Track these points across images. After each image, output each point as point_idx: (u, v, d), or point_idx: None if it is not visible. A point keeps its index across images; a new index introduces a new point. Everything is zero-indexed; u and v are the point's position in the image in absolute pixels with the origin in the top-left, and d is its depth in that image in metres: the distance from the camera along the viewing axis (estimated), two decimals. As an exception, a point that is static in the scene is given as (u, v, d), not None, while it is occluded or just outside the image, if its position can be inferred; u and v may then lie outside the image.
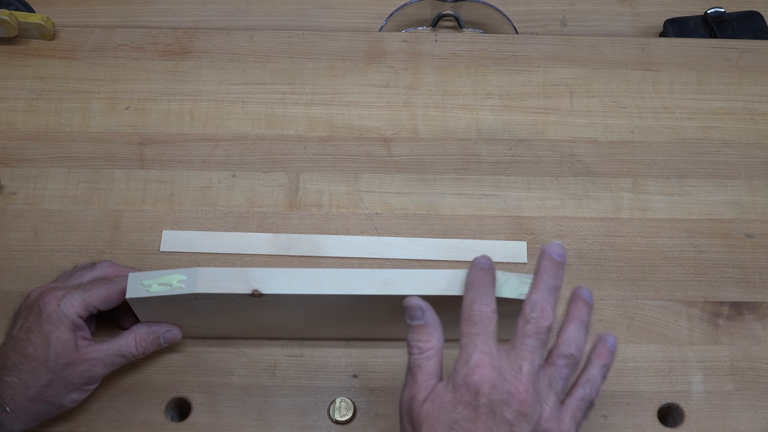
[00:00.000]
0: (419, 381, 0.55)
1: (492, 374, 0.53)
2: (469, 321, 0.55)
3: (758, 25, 0.90)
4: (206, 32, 0.86)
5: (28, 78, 0.83)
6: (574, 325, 0.57)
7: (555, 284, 0.57)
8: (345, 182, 0.78)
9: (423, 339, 0.56)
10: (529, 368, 0.54)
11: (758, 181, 0.79)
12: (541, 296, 0.56)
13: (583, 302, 0.58)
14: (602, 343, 0.59)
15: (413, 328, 0.57)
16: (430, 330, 0.56)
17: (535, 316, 0.55)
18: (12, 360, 0.62)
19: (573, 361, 0.56)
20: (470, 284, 0.57)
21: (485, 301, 0.56)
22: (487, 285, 0.57)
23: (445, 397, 0.54)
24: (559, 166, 0.79)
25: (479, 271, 0.58)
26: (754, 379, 0.70)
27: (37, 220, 0.75)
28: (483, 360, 0.54)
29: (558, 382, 0.55)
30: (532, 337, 0.55)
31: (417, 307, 0.56)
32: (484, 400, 0.53)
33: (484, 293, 0.56)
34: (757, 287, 0.74)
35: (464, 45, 0.86)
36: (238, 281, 0.60)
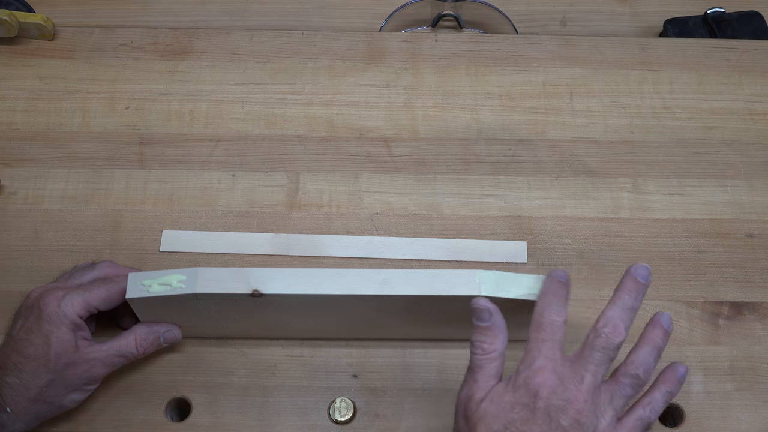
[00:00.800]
0: (479, 381, 0.56)
1: (553, 379, 0.54)
2: (539, 327, 0.56)
3: (758, 25, 0.90)
4: (206, 32, 0.86)
5: (28, 78, 0.83)
6: (647, 349, 0.58)
7: (633, 305, 0.58)
8: (345, 182, 0.78)
9: (488, 341, 0.57)
10: (591, 380, 0.55)
11: (758, 181, 0.79)
12: (616, 313, 0.57)
13: (661, 328, 0.59)
14: (672, 370, 0.60)
15: (480, 329, 0.57)
16: (495, 332, 0.57)
17: (606, 331, 0.56)
18: (12, 360, 0.62)
19: (638, 382, 0.57)
20: (543, 293, 0.58)
21: (556, 311, 0.57)
22: (560, 297, 0.58)
23: (504, 396, 0.55)
24: (559, 166, 0.79)
25: (554, 283, 0.58)
26: (754, 379, 0.70)
27: (37, 220, 0.75)
28: (546, 365, 0.55)
29: (619, 399, 0.56)
30: (599, 351, 0.56)
31: (485, 309, 0.57)
32: (542, 404, 0.54)
33: (556, 303, 0.57)
34: (757, 287, 0.74)
35: (464, 45, 0.86)
36: (238, 281, 0.60)
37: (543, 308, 0.57)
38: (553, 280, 0.59)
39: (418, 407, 0.68)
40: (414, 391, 0.69)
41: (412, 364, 0.70)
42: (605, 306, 0.58)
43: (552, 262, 0.74)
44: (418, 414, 0.68)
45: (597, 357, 0.56)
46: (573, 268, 0.74)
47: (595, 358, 0.56)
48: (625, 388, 0.57)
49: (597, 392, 0.55)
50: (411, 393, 0.69)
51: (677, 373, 0.60)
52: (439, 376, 0.69)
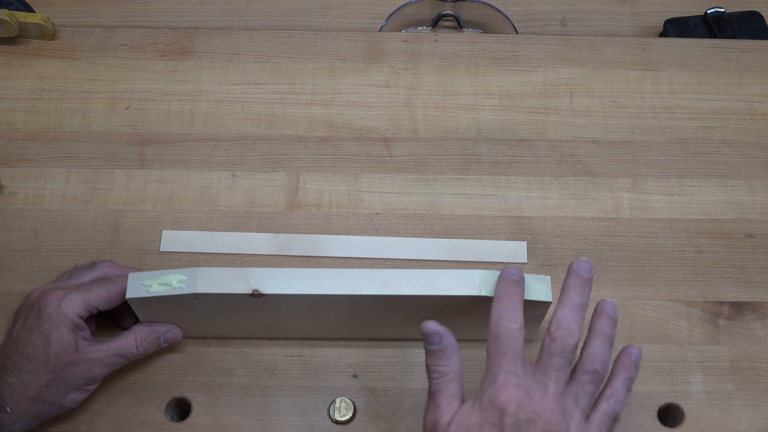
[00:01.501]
0: (441, 405, 0.55)
1: (518, 394, 0.54)
2: (496, 339, 0.55)
3: (758, 25, 0.90)
4: (206, 32, 0.86)
5: (28, 78, 0.83)
6: (598, 341, 0.58)
7: (581, 301, 0.57)
8: (345, 182, 0.78)
9: (442, 363, 0.56)
10: (555, 387, 0.55)
11: (758, 181, 0.79)
12: (567, 314, 0.56)
13: (607, 316, 0.59)
14: (626, 355, 0.59)
15: (432, 353, 0.57)
16: (448, 354, 0.56)
17: (560, 334, 0.56)
18: (12, 360, 0.62)
19: (597, 377, 0.57)
20: (498, 298, 0.57)
21: (512, 318, 0.56)
22: (515, 299, 0.57)
23: (471, 418, 0.54)
24: (559, 166, 0.79)
25: (508, 284, 0.57)
26: (754, 379, 0.70)
27: (37, 220, 0.75)
28: (509, 380, 0.54)
29: (583, 398, 0.56)
30: (557, 356, 0.55)
31: (435, 333, 0.56)
32: (510, 421, 0.53)
33: (511, 308, 0.56)
34: (757, 287, 0.74)
35: (464, 45, 0.86)
36: (238, 281, 0.60)
37: (498, 316, 0.56)
38: (506, 281, 0.58)
39: (418, 407, 0.68)
40: (414, 391, 0.69)
41: (412, 364, 0.70)
42: (555, 308, 0.57)
43: (552, 262, 0.74)
44: (418, 414, 0.68)
45: (556, 362, 0.55)
46: (573, 268, 0.74)
47: (555, 364, 0.55)
48: (587, 386, 0.56)
49: (562, 397, 0.55)
50: (411, 393, 0.69)
51: (632, 356, 0.59)
52: (439, 376, 0.69)
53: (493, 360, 0.55)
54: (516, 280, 0.58)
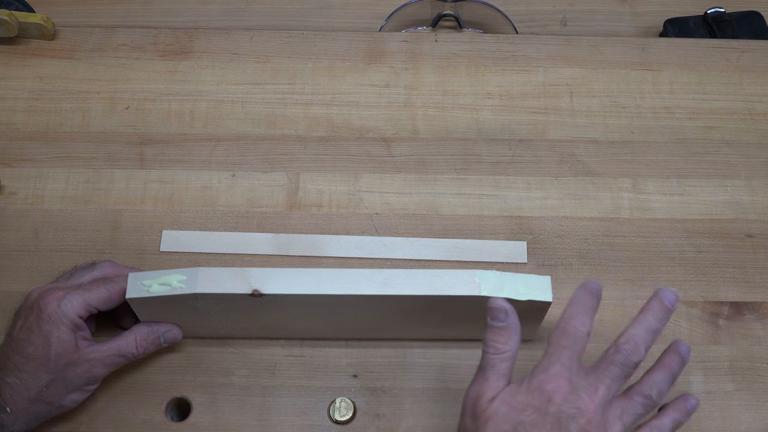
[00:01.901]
0: (490, 380, 0.56)
1: (567, 387, 0.55)
2: (563, 333, 0.56)
3: (758, 25, 0.90)
4: (206, 32, 0.86)
5: (28, 78, 0.83)
6: (663, 373, 0.59)
7: (657, 327, 0.58)
8: (345, 182, 0.78)
9: (502, 340, 0.57)
10: (605, 393, 0.55)
11: (758, 181, 0.79)
12: (639, 332, 0.57)
13: (679, 356, 0.59)
14: (683, 400, 0.60)
15: (494, 329, 0.57)
16: (510, 332, 0.57)
17: (627, 348, 0.56)
18: (12, 360, 0.62)
19: (650, 402, 0.57)
20: (573, 302, 0.58)
21: (582, 321, 0.57)
22: (589, 308, 0.58)
23: (517, 396, 0.55)
24: (559, 166, 0.79)
25: (586, 293, 0.58)
26: (754, 379, 0.70)
27: (37, 220, 0.75)
28: (562, 372, 0.55)
29: (629, 416, 0.56)
30: (617, 366, 0.56)
31: (502, 309, 0.57)
32: (554, 409, 0.54)
33: (583, 313, 0.57)
34: (757, 287, 0.74)
35: (464, 45, 0.86)
36: (238, 281, 0.60)
37: (571, 316, 0.57)
38: (586, 290, 0.59)
39: (418, 407, 0.68)
40: (414, 391, 0.69)
41: (412, 364, 0.70)
42: (629, 323, 0.58)
43: (552, 262, 0.74)
44: (418, 414, 0.68)
45: (614, 371, 0.56)
46: (573, 268, 0.74)
47: (612, 373, 0.56)
48: (637, 406, 0.57)
49: (608, 406, 0.56)
50: (411, 393, 0.69)
51: (687, 403, 0.60)
52: (439, 376, 0.69)
53: (553, 350, 0.56)
54: (594, 294, 0.59)
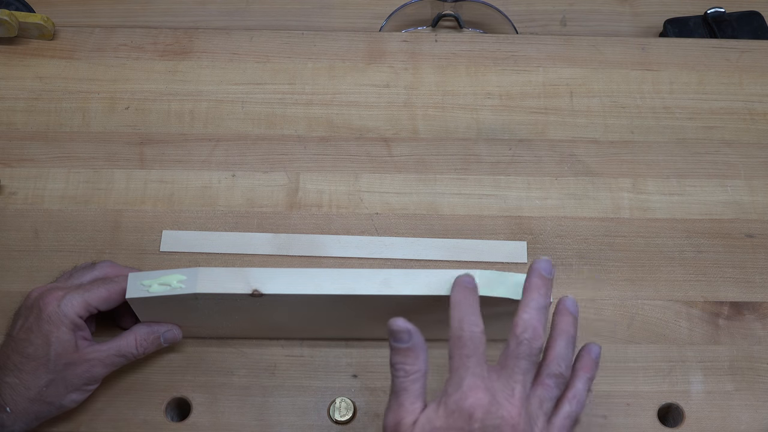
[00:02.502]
0: (405, 404, 0.55)
1: (485, 398, 0.53)
2: (460, 341, 0.55)
3: (758, 25, 0.90)
4: (206, 32, 0.86)
5: (28, 78, 0.83)
6: (563, 341, 0.57)
7: (545, 302, 0.57)
8: (345, 182, 0.78)
9: (409, 362, 0.55)
10: (522, 390, 0.54)
11: (758, 181, 0.79)
12: (532, 315, 0.56)
13: (569, 314, 0.58)
14: (587, 354, 0.59)
15: (400, 351, 0.55)
16: (417, 352, 0.55)
17: (527, 336, 0.55)
18: (12, 360, 0.62)
19: (562, 380, 0.56)
20: (456, 303, 0.56)
21: (474, 322, 0.55)
22: (473, 305, 0.56)
23: (436, 422, 0.53)
24: (559, 166, 0.79)
25: (464, 290, 0.57)
26: (754, 379, 0.70)
27: (37, 220, 0.75)
28: (476, 383, 0.53)
29: (548, 401, 0.55)
30: (524, 359, 0.55)
31: (404, 330, 0.55)
32: (477, 426, 0.52)
33: (471, 313, 0.56)
34: (757, 287, 0.74)
35: (464, 45, 0.86)
36: (238, 281, 0.60)
37: (461, 320, 0.55)
38: (461, 288, 0.57)
39: (418, 407, 0.68)
40: (414, 391, 0.69)
41: (412, 364, 0.70)
42: (518, 308, 0.56)
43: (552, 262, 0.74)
44: (418, 414, 0.68)
45: (523, 365, 0.54)
46: (573, 268, 0.74)
47: (522, 367, 0.54)
48: (551, 390, 0.56)
49: (528, 401, 0.54)
50: (411, 393, 0.69)
51: (592, 354, 0.59)
52: (438, 376, 0.69)
53: (458, 363, 0.54)
54: (471, 288, 0.57)
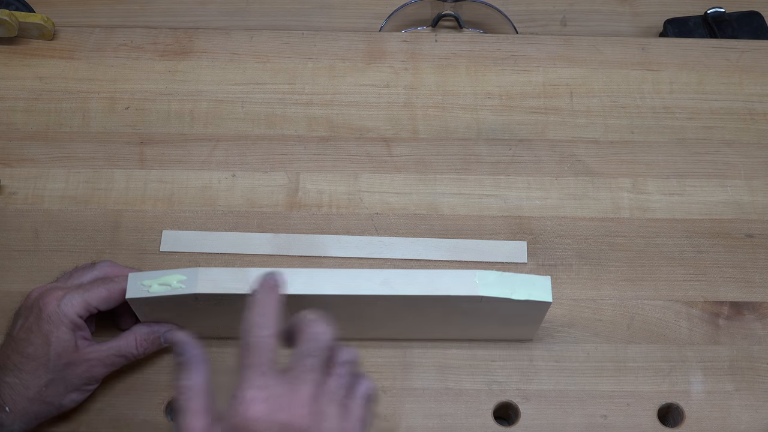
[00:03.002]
0: (188, 423, 0.52)
1: (265, 409, 0.51)
2: (246, 349, 0.53)
3: (758, 25, 0.90)
4: (206, 32, 0.86)
5: (28, 78, 0.83)
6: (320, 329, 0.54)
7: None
8: (345, 182, 0.78)
9: (184, 377, 0.54)
10: (310, 389, 0.52)
11: (758, 181, 0.79)
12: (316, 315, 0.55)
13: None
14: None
15: (178, 365, 0.54)
16: (191, 367, 0.54)
17: (313, 330, 0.54)
18: (12, 360, 0.62)
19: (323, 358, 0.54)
20: (251, 305, 0.55)
21: (263, 325, 0.53)
22: (268, 307, 0.54)
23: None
24: (559, 166, 0.79)
25: (263, 291, 0.55)
26: (754, 379, 0.70)
27: (37, 220, 0.75)
28: (256, 395, 0.51)
29: (340, 390, 0.54)
30: (310, 357, 0.53)
31: (178, 343, 0.54)
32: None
33: (262, 315, 0.54)
34: (757, 287, 0.74)
35: (464, 45, 0.86)
36: (238, 281, 0.60)
37: (249, 326, 0.53)
38: (262, 287, 0.55)
39: (418, 407, 0.68)
40: (414, 391, 0.69)
41: (412, 364, 0.70)
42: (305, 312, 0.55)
43: (552, 262, 0.74)
44: (418, 414, 0.68)
45: (309, 363, 0.53)
46: (573, 268, 0.74)
47: (308, 365, 0.53)
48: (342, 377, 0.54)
49: (318, 399, 0.52)
50: (411, 393, 0.69)
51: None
52: (439, 376, 0.69)
53: (242, 373, 0.52)
54: (272, 285, 0.56)
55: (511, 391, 0.69)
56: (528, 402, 0.68)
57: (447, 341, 0.70)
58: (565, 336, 0.71)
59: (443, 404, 0.68)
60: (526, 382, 0.69)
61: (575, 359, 0.70)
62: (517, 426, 0.68)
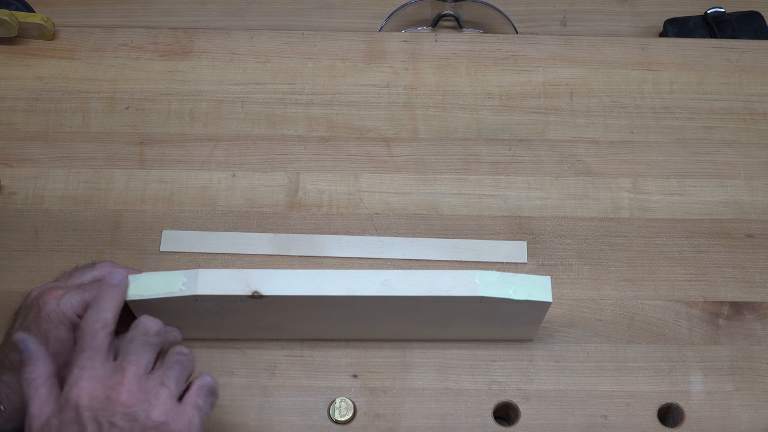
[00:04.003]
0: (33, 411, 0.55)
1: (91, 385, 0.54)
2: (79, 336, 0.57)
3: (758, 25, 0.90)
4: (206, 32, 0.86)
5: (28, 78, 0.83)
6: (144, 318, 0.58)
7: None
8: (345, 182, 0.78)
9: (27, 370, 0.57)
10: (134, 370, 0.55)
11: (758, 181, 0.79)
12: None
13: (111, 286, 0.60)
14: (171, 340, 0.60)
15: (21, 362, 0.57)
16: (32, 360, 0.57)
17: (143, 320, 0.57)
18: (10, 359, 0.62)
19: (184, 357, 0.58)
20: (94, 300, 0.59)
21: (96, 318, 0.57)
22: (108, 300, 0.58)
23: (52, 422, 0.54)
24: (559, 166, 0.79)
25: (104, 286, 0.59)
26: (754, 379, 0.70)
27: (37, 220, 0.75)
28: (81, 374, 0.55)
29: (170, 378, 0.56)
30: (135, 340, 0.56)
31: (18, 341, 0.57)
32: (88, 414, 0.53)
33: (102, 309, 0.57)
34: (757, 287, 0.74)
35: (464, 45, 0.86)
36: (238, 283, 0.60)
37: (87, 315, 0.57)
38: (105, 283, 0.60)
39: (418, 407, 0.68)
40: (414, 391, 0.69)
41: (412, 364, 0.70)
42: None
43: (552, 262, 0.74)
44: (418, 414, 0.68)
45: (134, 346, 0.56)
46: (573, 268, 0.74)
47: (133, 348, 0.56)
48: (174, 366, 0.57)
49: (143, 380, 0.55)
50: (411, 393, 0.69)
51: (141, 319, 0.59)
52: (439, 376, 0.69)
53: (73, 357, 0.56)
54: (115, 283, 0.59)
55: (511, 391, 0.69)
56: (528, 402, 0.68)
57: (447, 341, 0.70)
58: (565, 336, 0.71)
59: (443, 404, 0.68)
60: (526, 382, 0.69)
61: (575, 359, 0.70)
62: (517, 426, 0.68)
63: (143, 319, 0.58)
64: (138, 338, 0.57)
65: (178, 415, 0.55)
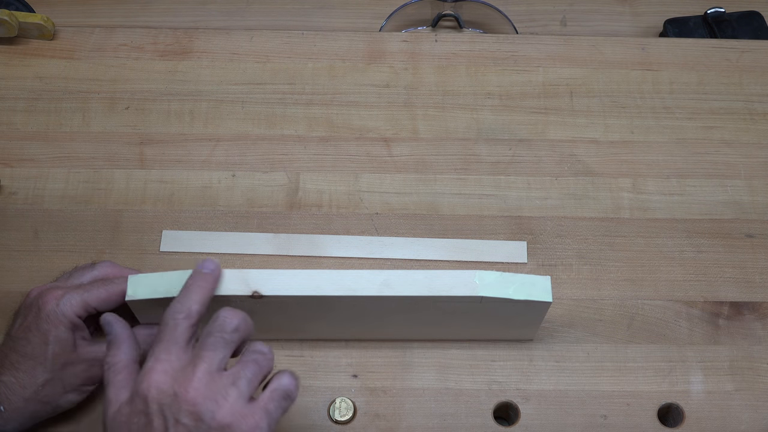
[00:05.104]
0: (110, 396, 0.55)
1: (161, 378, 0.53)
2: (159, 327, 0.56)
3: (758, 25, 0.90)
4: (206, 32, 0.86)
5: (28, 78, 0.83)
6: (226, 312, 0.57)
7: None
8: (345, 182, 0.78)
9: (111, 353, 0.57)
10: (205, 367, 0.54)
11: (758, 181, 0.79)
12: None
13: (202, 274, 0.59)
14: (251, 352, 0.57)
15: (107, 344, 0.57)
16: (117, 344, 0.57)
17: (223, 314, 0.56)
18: (10, 359, 0.62)
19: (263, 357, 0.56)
20: (181, 289, 0.58)
21: (179, 309, 0.56)
22: (195, 290, 0.57)
23: (123, 410, 0.54)
24: (559, 166, 0.79)
25: (194, 276, 0.58)
26: (754, 379, 0.70)
27: (37, 220, 0.75)
28: (155, 366, 0.54)
29: (242, 379, 0.55)
30: (212, 336, 0.55)
31: (105, 322, 0.57)
32: (155, 406, 0.53)
33: (186, 299, 0.56)
34: (757, 287, 0.74)
35: (464, 45, 0.86)
36: (238, 283, 0.60)
37: (172, 306, 0.56)
38: (195, 273, 0.58)
39: (418, 407, 0.68)
40: (414, 391, 0.69)
41: (412, 364, 0.70)
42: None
43: (552, 262, 0.74)
44: (418, 414, 0.68)
45: (210, 342, 0.55)
46: (573, 268, 0.74)
47: (209, 344, 0.55)
48: (249, 366, 0.55)
49: (214, 378, 0.54)
50: (411, 393, 0.69)
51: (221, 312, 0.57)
52: (439, 376, 0.69)
53: (151, 349, 0.55)
54: (206, 272, 0.58)
55: (511, 391, 0.69)
56: (528, 402, 0.68)
57: (447, 341, 0.70)
58: (565, 336, 0.71)
59: (443, 404, 0.68)
60: (526, 382, 0.69)
61: (575, 359, 0.70)
62: (517, 426, 0.68)
63: (222, 313, 0.56)
64: (214, 333, 0.55)
65: (245, 418, 0.53)
